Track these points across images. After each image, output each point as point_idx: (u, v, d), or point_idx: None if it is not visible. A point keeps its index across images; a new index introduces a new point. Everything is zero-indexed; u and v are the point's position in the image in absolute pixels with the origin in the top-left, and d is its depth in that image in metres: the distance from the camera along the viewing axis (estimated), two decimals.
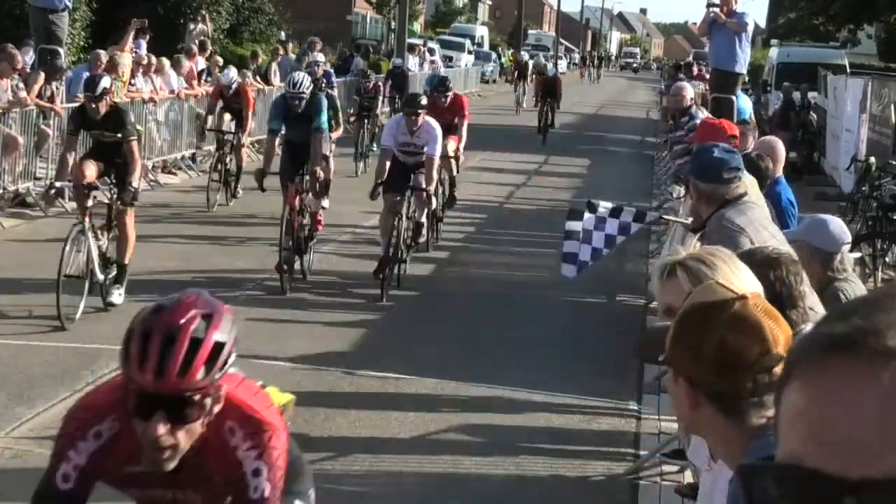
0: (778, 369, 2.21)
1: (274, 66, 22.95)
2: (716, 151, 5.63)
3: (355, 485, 6.51)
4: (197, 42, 21.22)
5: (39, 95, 14.16)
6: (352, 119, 20.98)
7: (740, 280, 2.68)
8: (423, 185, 11.43)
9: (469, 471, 6.88)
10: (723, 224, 5.38)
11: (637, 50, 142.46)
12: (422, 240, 12.35)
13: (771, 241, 5.39)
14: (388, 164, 11.42)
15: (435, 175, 11.86)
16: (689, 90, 12.86)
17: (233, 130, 15.85)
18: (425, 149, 11.38)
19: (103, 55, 15.85)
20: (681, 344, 2.25)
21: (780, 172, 7.98)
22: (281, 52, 24.94)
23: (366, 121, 20.82)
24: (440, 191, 13.28)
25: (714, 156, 5.57)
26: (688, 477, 6.75)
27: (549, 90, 29.61)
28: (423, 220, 12.12)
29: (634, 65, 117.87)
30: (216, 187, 15.20)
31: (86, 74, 15.37)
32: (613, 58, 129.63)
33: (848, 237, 5.85)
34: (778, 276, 3.50)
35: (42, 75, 14.23)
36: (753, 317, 2.21)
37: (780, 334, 2.22)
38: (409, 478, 6.70)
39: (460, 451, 7.16)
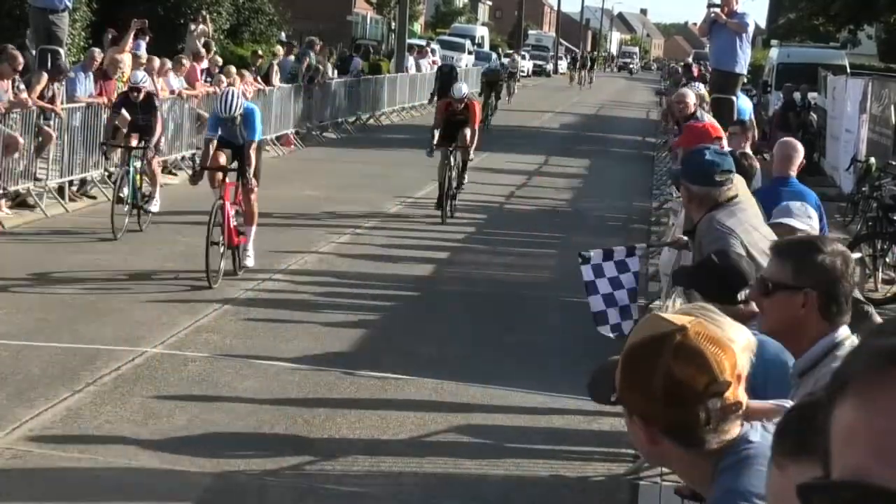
0: (729, 394, 2.18)
1: (275, 66, 23.00)
2: (707, 154, 5.60)
3: (355, 485, 6.51)
4: (201, 43, 21.21)
5: (41, 96, 14.15)
6: None
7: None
8: None
9: (469, 471, 6.87)
10: (713, 226, 5.37)
11: (636, 49, 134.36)
12: None
13: (763, 243, 5.38)
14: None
15: None
16: (692, 96, 12.82)
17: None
18: None
19: (97, 53, 15.84)
20: (628, 381, 2.19)
21: (793, 174, 7.95)
22: (282, 52, 24.96)
23: None
24: None
25: (706, 158, 5.54)
26: None
27: (454, 125, 15.84)
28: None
29: (632, 66, 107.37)
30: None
31: (81, 74, 15.39)
32: (611, 58, 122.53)
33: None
34: (848, 273, 3.49)
35: (45, 76, 14.22)
36: (696, 346, 2.15)
37: (724, 360, 2.16)
38: (408, 478, 6.69)
39: (460, 452, 7.15)
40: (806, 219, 6.04)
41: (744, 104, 15.78)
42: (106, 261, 11.51)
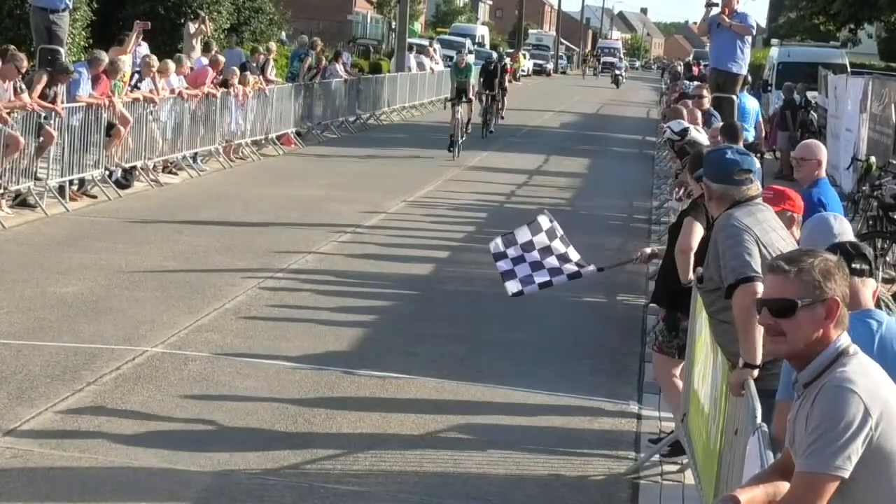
0: None
1: (271, 61, 23.14)
2: (728, 153, 5.69)
3: (355, 484, 6.51)
4: (198, 42, 21.20)
5: (43, 96, 14.13)
6: None
7: None
8: None
9: (469, 471, 6.88)
10: (730, 222, 5.41)
11: (619, 45, 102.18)
12: None
13: (780, 244, 5.38)
14: None
15: None
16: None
17: None
18: None
19: (104, 56, 15.83)
20: None
21: (822, 174, 7.95)
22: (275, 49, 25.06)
23: None
24: None
25: (726, 157, 5.63)
26: (688, 478, 6.75)
27: None
28: None
29: (618, 70, 71.63)
30: None
31: (84, 73, 15.37)
32: (596, 58, 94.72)
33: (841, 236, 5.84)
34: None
35: (45, 76, 14.21)
36: None
37: None
38: (409, 477, 6.70)
39: (460, 451, 7.15)
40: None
41: (749, 104, 15.81)
42: (106, 260, 11.51)
